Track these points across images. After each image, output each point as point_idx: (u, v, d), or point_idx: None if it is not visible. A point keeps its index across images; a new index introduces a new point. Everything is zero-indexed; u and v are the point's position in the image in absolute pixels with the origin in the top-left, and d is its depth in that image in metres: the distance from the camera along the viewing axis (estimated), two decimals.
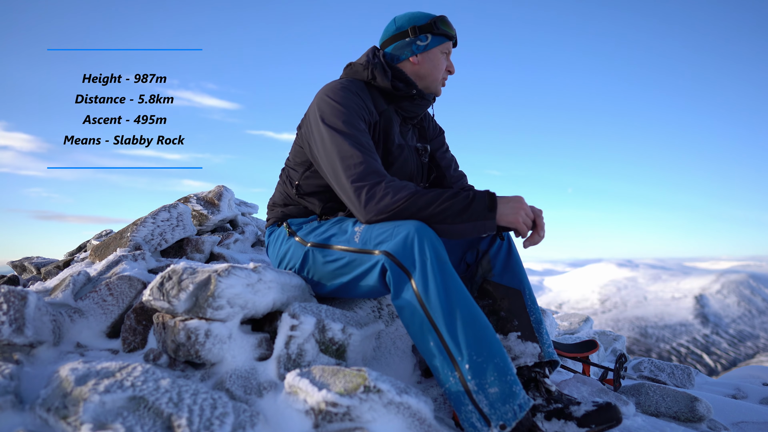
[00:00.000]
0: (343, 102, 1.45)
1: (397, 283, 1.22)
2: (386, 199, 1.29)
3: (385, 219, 1.31)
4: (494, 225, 1.29)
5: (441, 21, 1.61)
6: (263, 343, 1.33)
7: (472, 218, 1.27)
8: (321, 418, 1.04)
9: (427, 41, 1.60)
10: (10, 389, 0.98)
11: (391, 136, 1.57)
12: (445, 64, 1.65)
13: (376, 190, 1.31)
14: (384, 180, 1.33)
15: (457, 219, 1.27)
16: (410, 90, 1.58)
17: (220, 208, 2.87)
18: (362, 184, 1.32)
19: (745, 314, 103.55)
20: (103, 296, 1.53)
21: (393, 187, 1.31)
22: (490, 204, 1.28)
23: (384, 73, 1.56)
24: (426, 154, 1.73)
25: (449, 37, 1.64)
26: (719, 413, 1.94)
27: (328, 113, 1.44)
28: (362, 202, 1.32)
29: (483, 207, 1.28)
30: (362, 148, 1.38)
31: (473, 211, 1.27)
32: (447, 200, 1.28)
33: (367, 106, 1.51)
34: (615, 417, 1.15)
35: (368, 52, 1.63)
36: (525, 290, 1.48)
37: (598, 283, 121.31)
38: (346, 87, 1.49)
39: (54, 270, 2.57)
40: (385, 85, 1.55)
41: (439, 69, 1.63)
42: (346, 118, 1.42)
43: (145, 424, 0.91)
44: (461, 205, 1.27)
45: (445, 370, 1.15)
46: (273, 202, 1.70)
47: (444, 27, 1.62)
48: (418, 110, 1.66)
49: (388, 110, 1.58)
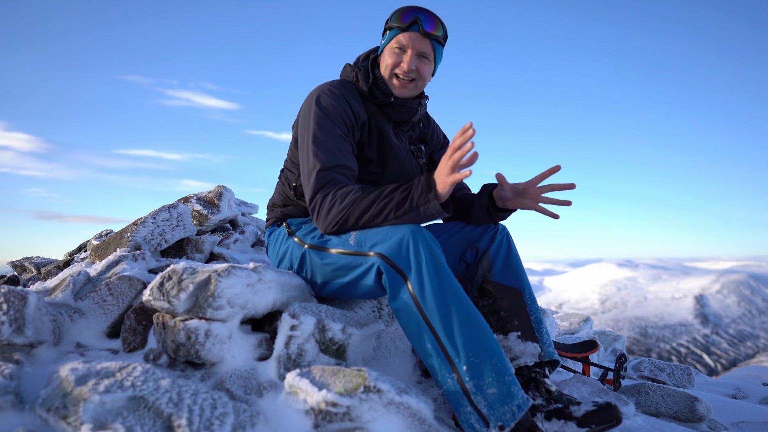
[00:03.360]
0: (324, 106, 1.46)
1: (393, 286, 1.22)
2: (334, 209, 1.33)
3: (337, 229, 1.35)
4: (438, 206, 1.24)
5: (394, 13, 1.51)
6: (263, 343, 1.33)
7: (414, 206, 1.25)
8: (321, 418, 1.04)
9: (384, 40, 1.56)
10: (10, 389, 0.98)
11: (385, 135, 1.57)
12: (393, 60, 1.51)
13: (325, 202, 1.35)
14: (333, 190, 1.35)
15: (400, 212, 1.26)
16: (387, 98, 1.56)
17: (220, 208, 2.87)
18: (317, 196, 1.38)
19: (745, 314, 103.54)
20: (103, 296, 1.53)
21: (340, 196, 1.33)
22: (426, 185, 1.24)
23: (366, 79, 1.55)
24: (422, 155, 1.72)
25: (398, 28, 1.49)
26: (719, 413, 1.94)
27: (307, 115, 1.47)
28: (316, 215, 1.38)
29: (420, 191, 1.24)
30: (328, 155, 1.40)
31: (412, 198, 1.25)
32: (387, 196, 1.27)
33: (353, 109, 1.50)
34: (615, 417, 1.15)
35: (362, 54, 1.63)
36: (525, 290, 1.48)
37: (598, 283, 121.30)
38: (332, 90, 1.49)
39: (54, 270, 2.57)
40: (364, 91, 1.55)
41: (385, 67, 1.53)
42: (322, 123, 1.44)
43: (145, 424, 0.91)
44: (401, 197, 1.26)
45: (442, 371, 1.14)
46: (272, 203, 1.71)
47: (394, 19, 1.50)
48: (403, 116, 1.62)
49: (377, 113, 1.58)
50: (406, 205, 1.25)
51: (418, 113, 1.66)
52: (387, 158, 1.57)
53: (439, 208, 1.25)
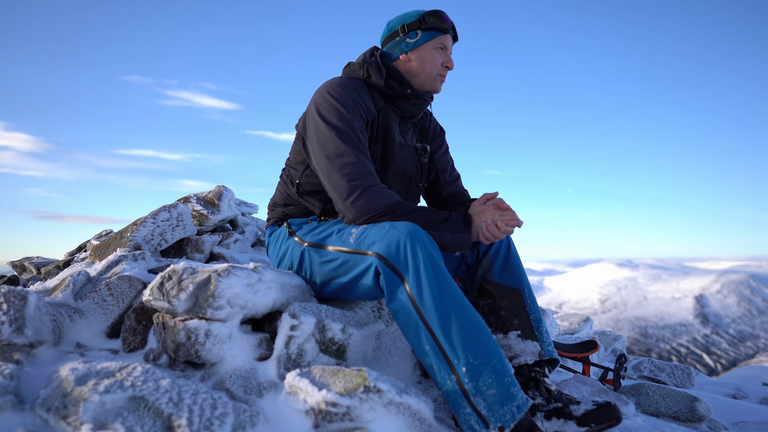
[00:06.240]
0: (341, 99, 1.45)
1: (390, 287, 1.22)
2: (376, 202, 1.35)
3: (370, 220, 1.35)
4: (469, 239, 1.36)
5: (430, 15, 1.58)
6: (263, 343, 1.33)
7: (450, 229, 1.35)
8: (321, 418, 1.04)
9: (416, 38, 1.58)
10: (10, 389, 0.98)
11: (390, 133, 1.58)
12: (439, 60, 1.60)
13: (370, 191, 1.35)
14: (377, 184, 1.38)
15: (438, 226, 1.34)
16: (404, 89, 1.58)
17: (220, 208, 2.87)
18: (358, 183, 1.36)
19: (745, 314, 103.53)
20: (103, 296, 1.53)
21: (384, 194, 1.37)
22: (464, 221, 1.37)
23: (379, 72, 1.56)
24: (425, 154, 1.72)
25: (442, 30, 1.59)
26: (719, 413, 1.94)
27: (325, 109, 1.45)
28: (353, 200, 1.36)
29: (459, 222, 1.36)
30: (356, 148, 1.40)
31: (451, 223, 1.35)
32: (428, 211, 1.37)
33: (365, 104, 1.51)
34: (615, 416, 1.15)
35: (366, 52, 1.63)
36: (524, 289, 1.49)
37: (598, 283, 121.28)
38: (345, 84, 1.50)
39: (54, 270, 2.57)
40: (379, 84, 1.56)
41: (432, 65, 1.59)
42: (343, 115, 1.43)
43: (145, 424, 0.91)
44: (441, 217, 1.36)
45: (441, 372, 1.14)
46: (273, 203, 1.71)
47: (434, 21, 1.58)
48: (415, 109, 1.65)
49: (386, 108, 1.58)
50: (446, 224, 1.35)
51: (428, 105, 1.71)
52: (389, 157, 1.58)
53: (469, 242, 1.36)
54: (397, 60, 1.61)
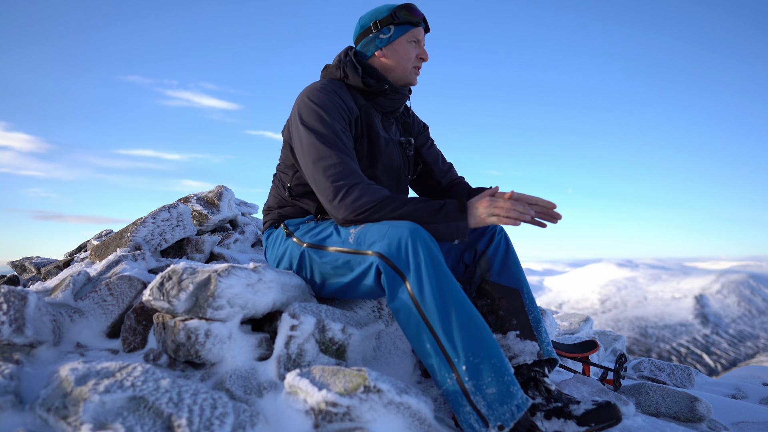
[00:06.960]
0: (321, 103, 1.47)
1: (391, 286, 1.22)
2: (363, 198, 1.33)
3: (361, 219, 1.34)
4: (466, 227, 1.30)
5: (402, 9, 1.60)
6: (263, 343, 1.33)
7: (445, 219, 1.30)
8: (321, 418, 1.04)
9: (390, 33, 1.60)
10: (10, 389, 0.98)
11: (375, 129, 1.60)
12: (414, 53, 1.62)
13: (355, 189, 1.35)
14: (362, 182, 1.37)
15: (431, 218, 1.30)
16: (382, 85, 1.59)
17: (220, 208, 2.87)
18: (342, 183, 1.36)
19: (745, 314, 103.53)
20: (103, 296, 1.53)
21: (370, 190, 1.35)
22: (460, 207, 1.31)
23: (355, 71, 1.57)
24: (410, 147, 1.75)
25: (414, 23, 1.61)
26: (719, 413, 1.94)
27: (307, 114, 1.47)
28: (339, 200, 1.35)
29: (454, 209, 1.31)
30: (339, 150, 1.41)
31: (446, 213, 1.30)
32: (420, 202, 1.33)
33: (347, 104, 1.52)
34: (614, 416, 1.15)
35: (341, 52, 1.66)
36: (523, 289, 1.49)
37: (598, 283, 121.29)
38: (324, 87, 1.52)
39: (54, 270, 2.57)
40: (356, 83, 1.57)
41: (407, 58, 1.62)
42: (324, 119, 1.44)
43: (145, 424, 0.91)
44: (434, 207, 1.31)
45: (442, 371, 1.15)
46: (268, 207, 1.71)
47: (405, 15, 1.60)
48: (395, 104, 1.67)
49: (366, 105, 1.60)
50: (440, 215, 1.30)
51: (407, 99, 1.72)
52: (376, 152, 1.59)
53: (465, 230, 1.30)
54: (373, 57, 1.63)
